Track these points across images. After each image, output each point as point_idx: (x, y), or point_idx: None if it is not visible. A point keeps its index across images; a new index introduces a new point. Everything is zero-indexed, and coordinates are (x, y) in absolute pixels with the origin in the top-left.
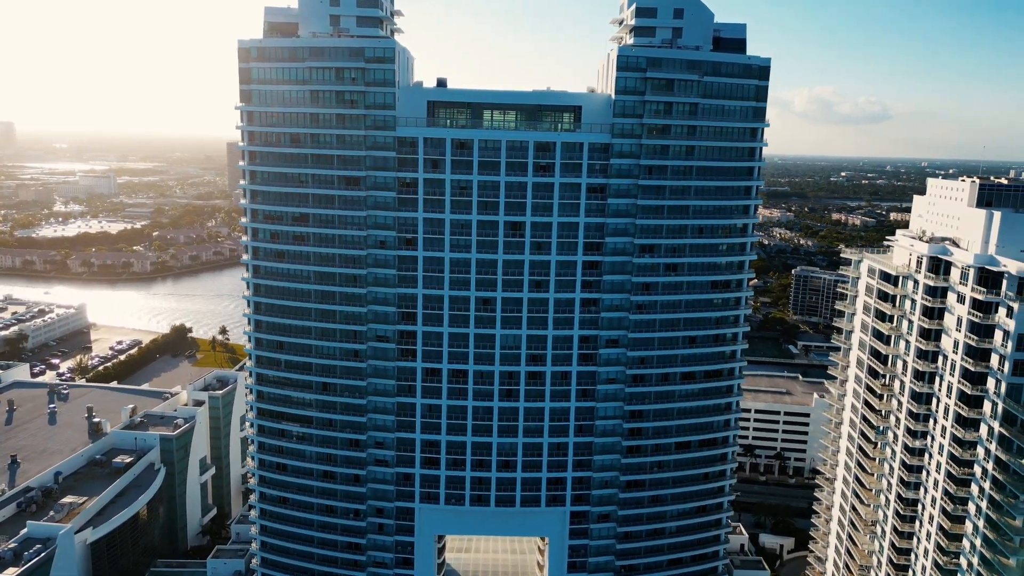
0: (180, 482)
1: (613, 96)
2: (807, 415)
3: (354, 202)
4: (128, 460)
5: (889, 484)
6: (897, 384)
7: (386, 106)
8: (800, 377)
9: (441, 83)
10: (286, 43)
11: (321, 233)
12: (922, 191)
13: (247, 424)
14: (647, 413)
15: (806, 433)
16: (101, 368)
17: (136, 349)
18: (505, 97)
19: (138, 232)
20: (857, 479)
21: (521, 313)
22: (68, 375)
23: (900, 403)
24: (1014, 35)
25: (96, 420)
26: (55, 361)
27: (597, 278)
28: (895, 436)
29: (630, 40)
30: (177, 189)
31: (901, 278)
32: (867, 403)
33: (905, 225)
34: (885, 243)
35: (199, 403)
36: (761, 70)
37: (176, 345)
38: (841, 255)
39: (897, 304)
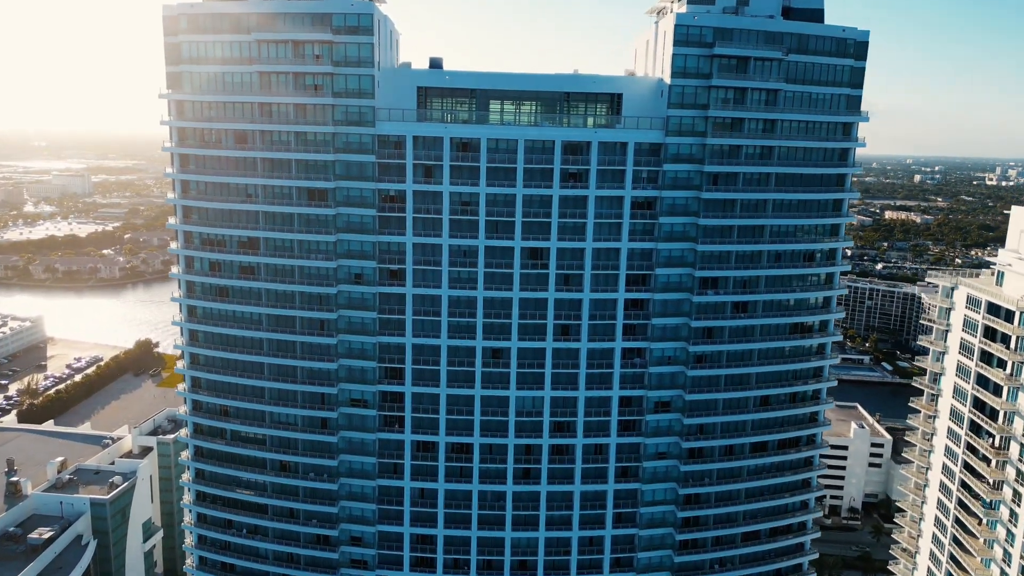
0: (117, 554)
1: (669, 80)
2: (844, 447)
3: (320, 222)
4: (49, 533)
5: (1004, 573)
6: (1015, 449)
7: (362, 93)
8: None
9: (435, 64)
10: (226, 7)
11: (276, 264)
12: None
13: (187, 512)
14: (707, 497)
15: (843, 468)
16: (53, 391)
17: (95, 368)
18: (520, 82)
19: (109, 234)
20: (953, 558)
21: (543, 368)
22: (16, 398)
23: (1021, 473)
24: (994, 32)
25: (15, 479)
26: (3, 382)
27: (644, 321)
28: (1013, 515)
29: (681, 8)
30: (155, 188)
31: (1020, 315)
32: (968, 466)
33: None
34: (987, 263)
35: (146, 450)
36: (858, 47)
37: (140, 362)
38: (927, 280)
39: (1015, 347)
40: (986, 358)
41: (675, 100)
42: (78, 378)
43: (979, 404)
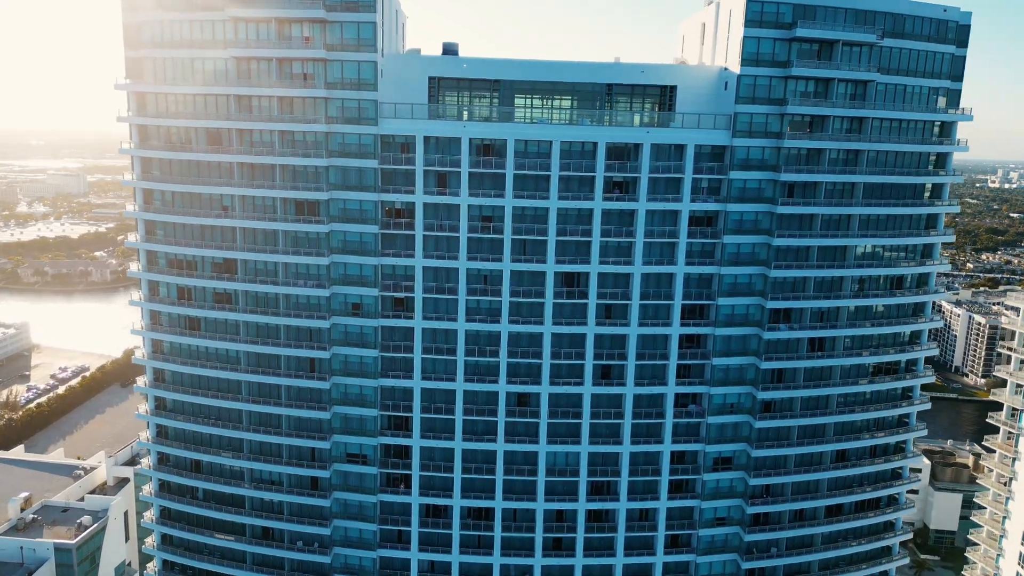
0: None
1: (737, 69)
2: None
3: (310, 241)
4: None
5: None
6: None
7: (361, 83)
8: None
9: (449, 50)
10: None
11: (257, 291)
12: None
13: None
14: (774, 571)
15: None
16: (34, 404)
17: (80, 378)
18: (554, 71)
19: (102, 236)
20: None
21: (580, 418)
22: None
23: None
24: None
25: None
26: None
27: (702, 362)
28: None
29: None
30: None
31: None
32: None
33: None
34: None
35: (122, 481)
36: (960, 30)
37: (128, 372)
38: (1006, 303)
39: None
40: None
41: (745, 93)
42: (61, 390)
43: None
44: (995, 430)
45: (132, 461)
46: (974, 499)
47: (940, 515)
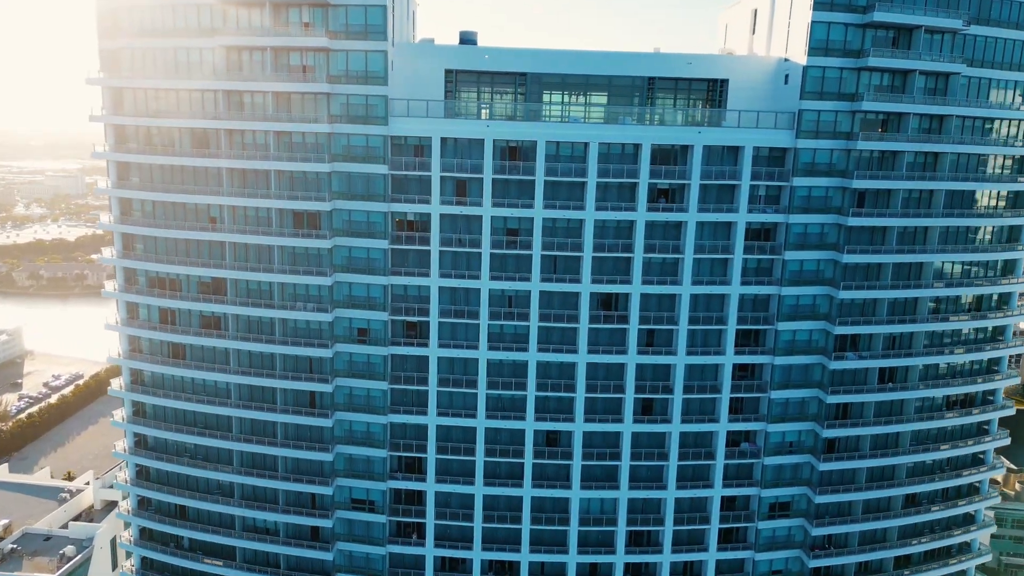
0: None
1: (804, 60)
2: None
3: (310, 258)
4: None
5: None
6: None
7: (370, 77)
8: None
9: (467, 40)
10: None
11: (250, 315)
12: None
13: None
14: None
15: None
16: (25, 415)
17: (73, 387)
18: (587, 63)
19: (99, 238)
20: None
21: (618, 460)
22: None
23: None
24: None
25: None
26: None
27: (757, 394)
28: None
29: None
30: None
31: None
32: None
33: None
34: None
35: (110, 505)
36: None
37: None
38: None
39: None
40: None
41: (812, 88)
42: (54, 399)
43: None
44: None
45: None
46: None
47: None
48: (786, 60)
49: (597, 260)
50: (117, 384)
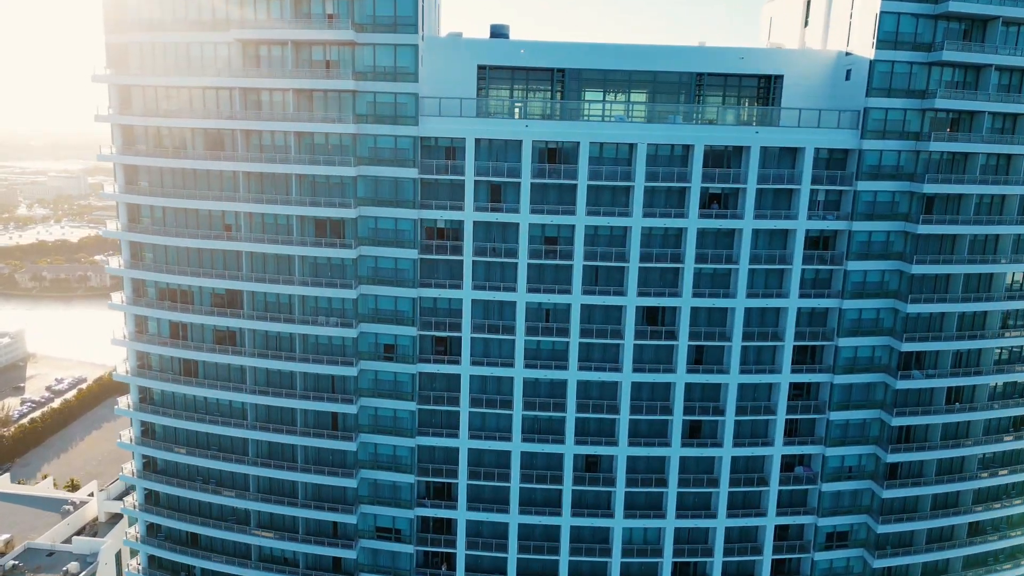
0: None
1: (871, 55)
2: None
3: (334, 269)
4: None
5: None
6: None
7: (399, 73)
8: None
9: (498, 33)
10: None
11: (268, 330)
12: None
13: None
14: None
15: None
16: (27, 420)
17: (76, 391)
18: (630, 57)
19: (102, 240)
20: None
21: (664, 486)
22: None
23: None
24: None
25: None
26: None
27: (814, 416)
28: None
29: None
30: None
31: None
32: None
33: None
34: None
35: (115, 517)
36: None
37: (125, 384)
38: None
39: None
40: None
41: (879, 84)
42: (56, 403)
43: None
44: None
45: (126, 492)
46: None
47: None
48: (847, 54)
49: (643, 271)
50: (125, 403)
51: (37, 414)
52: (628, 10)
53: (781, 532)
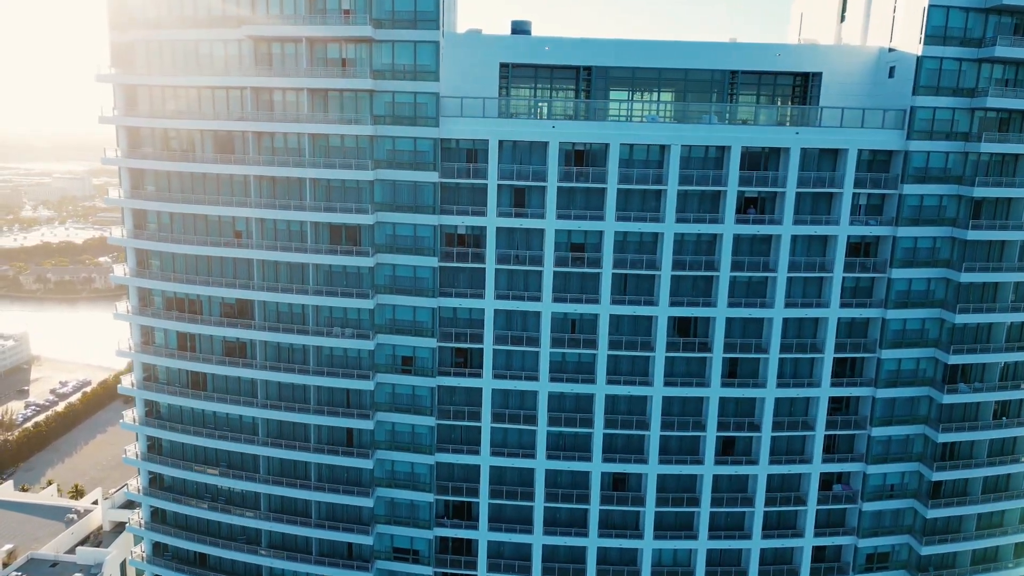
0: None
1: (918, 51)
2: None
3: (349, 277)
4: None
5: None
6: None
7: (419, 71)
8: None
9: (519, 30)
10: None
11: (280, 342)
12: None
13: None
14: None
15: None
16: (31, 424)
17: (81, 394)
18: (660, 54)
19: (107, 241)
20: None
21: (696, 505)
22: None
23: None
24: None
25: None
26: None
27: (855, 431)
28: None
29: None
30: None
31: None
32: None
33: None
34: None
35: (119, 526)
36: None
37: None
38: None
39: None
40: None
41: (927, 81)
42: (61, 407)
43: None
44: None
45: (130, 503)
46: None
47: None
48: (891, 50)
49: (675, 279)
50: (130, 417)
51: (41, 418)
52: (648, 8)
53: (819, 554)
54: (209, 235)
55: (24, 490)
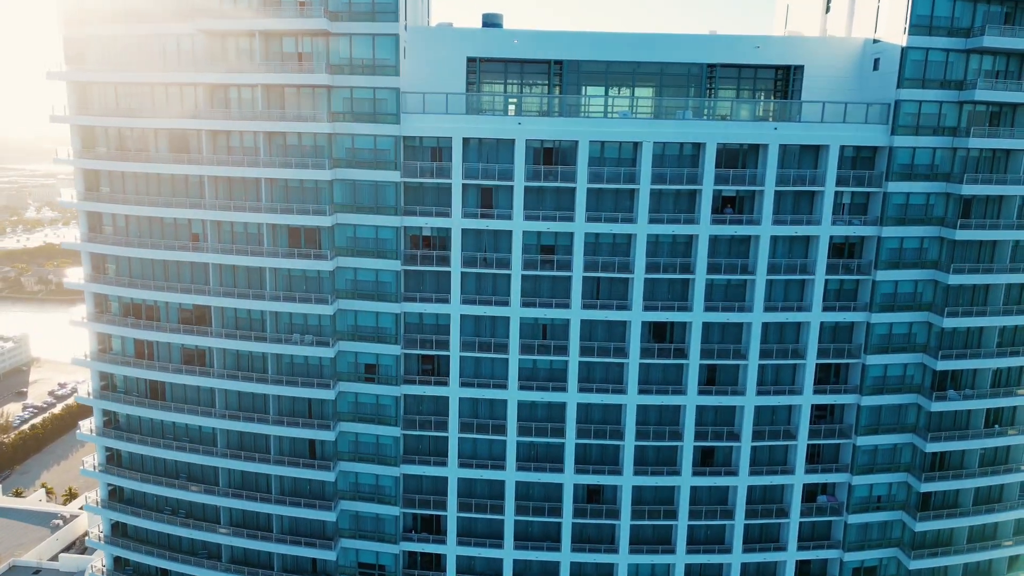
0: None
1: (903, 41)
2: None
3: (309, 282)
4: None
5: None
6: None
7: (378, 66)
8: None
9: (491, 23)
10: None
11: (239, 349)
12: None
13: None
14: None
15: None
16: (28, 426)
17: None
18: (635, 47)
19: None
20: None
21: (674, 519)
22: None
23: None
24: None
25: None
26: None
27: (839, 441)
28: None
29: None
30: None
31: None
32: None
33: None
34: None
35: None
36: None
37: None
38: None
39: None
40: None
41: (912, 74)
42: (58, 409)
43: None
44: None
45: None
46: None
47: None
48: (875, 42)
49: (649, 283)
50: (87, 427)
51: (38, 420)
52: (631, 1)
53: (803, 568)
54: (165, 238)
55: (17, 493)
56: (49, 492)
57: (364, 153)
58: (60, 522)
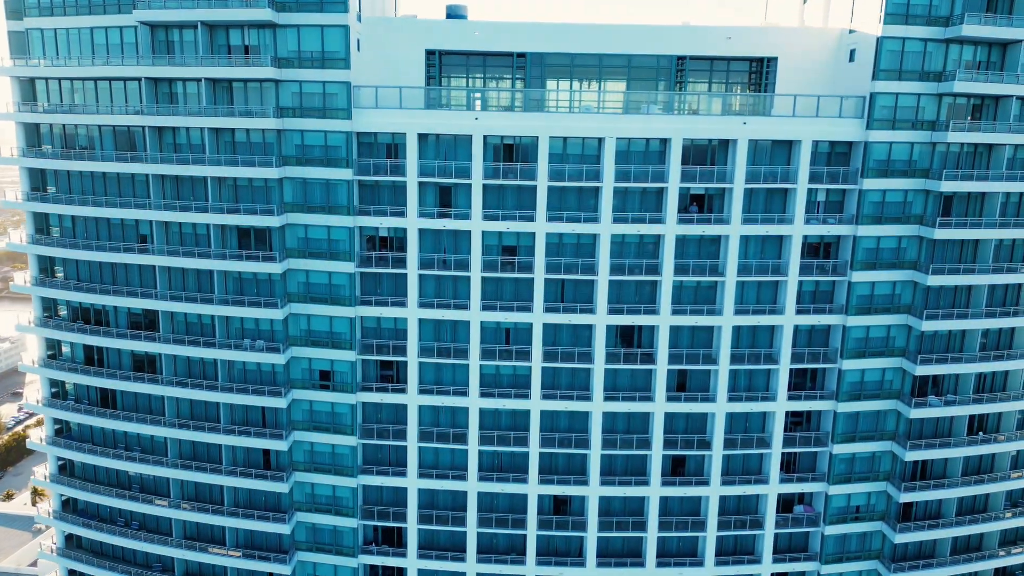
0: None
1: (878, 31)
2: None
3: (259, 285)
4: None
5: None
6: None
7: (327, 58)
8: None
9: (454, 14)
10: None
11: (190, 355)
12: None
13: None
14: None
15: None
16: (22, 428)
17: None
18: (601, 39)
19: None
20: None
21: (642, 530)
22: None
23: None
24: None
25: None
26: None
27: (815, 449)
28: None
29: None
30: None
31: None
32: None
33: None
34: None
35: None
36: None
37: None
38: None
39: None
40: None
41: (888, 65)
42: None
43: None
44: None
45: None
46: None
47: None
48: (852, 32)
49: (615, 285)
50: (38, 436)
51: (32, 421)
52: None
53: None
54: (113, 240)
55: (9, 495)
56: (40, 494)
57: (314, 150)
58: (42, 527)
